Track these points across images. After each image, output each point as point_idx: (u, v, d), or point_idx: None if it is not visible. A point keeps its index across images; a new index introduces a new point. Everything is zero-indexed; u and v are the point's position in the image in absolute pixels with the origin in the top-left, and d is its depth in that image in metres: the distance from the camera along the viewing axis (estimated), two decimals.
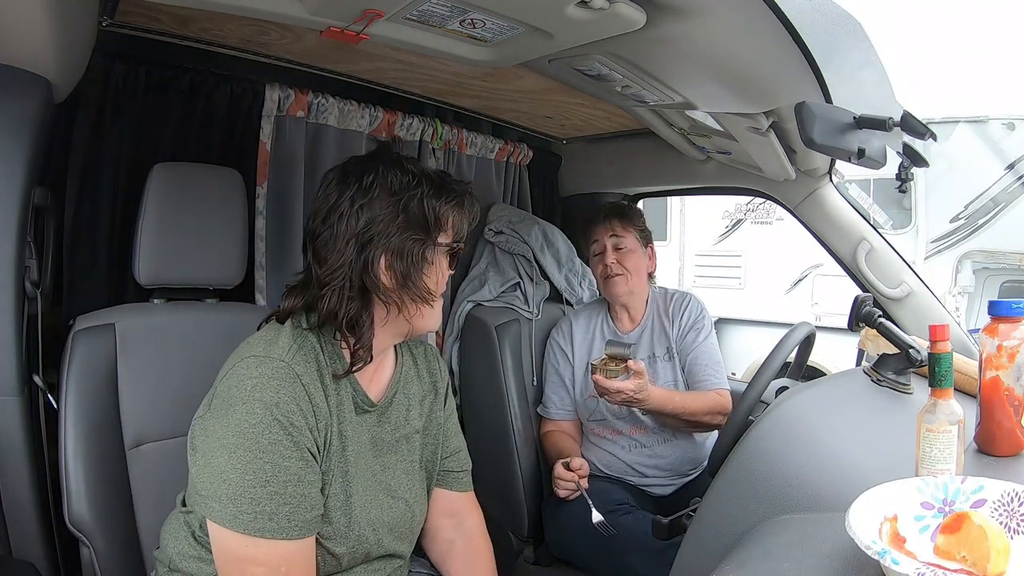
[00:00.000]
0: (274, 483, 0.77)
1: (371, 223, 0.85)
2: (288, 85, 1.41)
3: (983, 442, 0.95)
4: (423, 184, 0.88)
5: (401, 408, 0.98)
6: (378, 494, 0.91)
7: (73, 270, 1.21)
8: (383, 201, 0.86)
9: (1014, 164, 4.55)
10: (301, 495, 0.79)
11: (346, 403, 0.89)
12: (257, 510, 0.76)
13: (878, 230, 1.74)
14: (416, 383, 1.02)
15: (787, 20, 0.82)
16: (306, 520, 0.79)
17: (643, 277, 1.72)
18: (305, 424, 0.80)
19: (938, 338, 0.82)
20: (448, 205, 0.90)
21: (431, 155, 1.78)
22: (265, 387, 0.79)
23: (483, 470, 1.79)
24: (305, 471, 0.80)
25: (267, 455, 0.77)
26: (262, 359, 0.81)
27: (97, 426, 1.04)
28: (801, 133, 0.91)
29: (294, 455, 0.79)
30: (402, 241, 0.86)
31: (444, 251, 0.92)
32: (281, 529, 0.77)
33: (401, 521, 0.94)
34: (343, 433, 0.88)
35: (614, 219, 1.71)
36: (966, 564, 0.60)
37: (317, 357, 0.86)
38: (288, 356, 0.82)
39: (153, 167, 1.14)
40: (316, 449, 0.82)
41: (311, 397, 0.82)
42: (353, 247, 0.85)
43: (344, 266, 0.85)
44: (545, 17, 0.95)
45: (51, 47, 0.92)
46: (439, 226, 0.90)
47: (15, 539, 0.97)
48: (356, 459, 0.89)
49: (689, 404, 1.55)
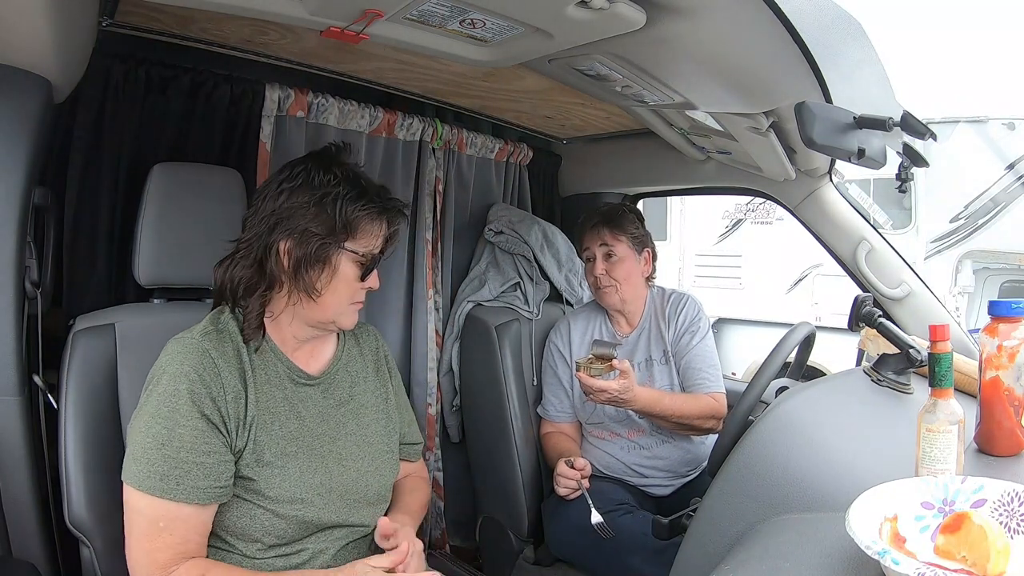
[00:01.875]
0: (169, 447, 0.84)
1: (285, 207, 0.91)
2: (288, 85, 1.41)
3: (983, 442, 0.95)
4: (343, 186, 0.93)
5: (344, 384, 1.04)
6: (326, 461, 0.96)
7: (73, 270, 1.21)
8: (302, 191, 0.92)
9: (1014, 164, 4.56)
10: (193, 462, 0.84)
11: (278, 379, 0.96)
12: (151, 470, 0.84)
13: (878, 230, 1.74)
14: (359, 360, 1.09)
15: (787, 20, 0.82)
16: (196, 487, 0.84)
17: (636, 284, 1.68)
18: (207, 393, 0.87)
19: (938, 338, 0.83)
20: (363, 212, 0.93)
21: (431, 155, 1.78)
22: (172, 361, 0.88)
23: (483, 470, 1.81)
24: (201, 440, 0.85)
25: (166, 421, 0.85)
26: (177, 339, 0.91)
27: (97, 426, 1.04)
28: (801, 133, 0.91)
29: (191, 423, 0.85)
30: (305, 232, 0.91)
31: (350, 258, 0.95)
32: (169, 490, 0.83)
33: (353, 488, 0.98)
34: (272, 407, 0.93)
35: (603, 227, 1.66)
36: (966, 564, 0.60)
37: (235, 337, 0.94)
38: (200, 335, 0.91)
39: (153, 167, 1.14)
40: (223, 419, 0.88)
41: (219, 370, 0.88)
42: (265, 224, 0.92)
43: (252, 239, 0.93)
44: (545, 17, 0.95)
45: (51, 47, 0.92)
46: (348, 230, 0.93)
47: (15, 539, 0.97)
48: (298, 431, 0.95)
49: (679, 407, 1.54)
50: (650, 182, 2.17)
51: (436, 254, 1.84)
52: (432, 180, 1.79)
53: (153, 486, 0.83)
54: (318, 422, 0.98)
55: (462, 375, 1.83)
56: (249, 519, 0.91)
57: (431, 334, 1.80)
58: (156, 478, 0.83)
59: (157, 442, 0.84)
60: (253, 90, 1.36)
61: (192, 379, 0.86)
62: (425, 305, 1.78)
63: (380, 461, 1.05)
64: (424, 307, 1.78)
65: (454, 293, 1.90)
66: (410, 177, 1.75)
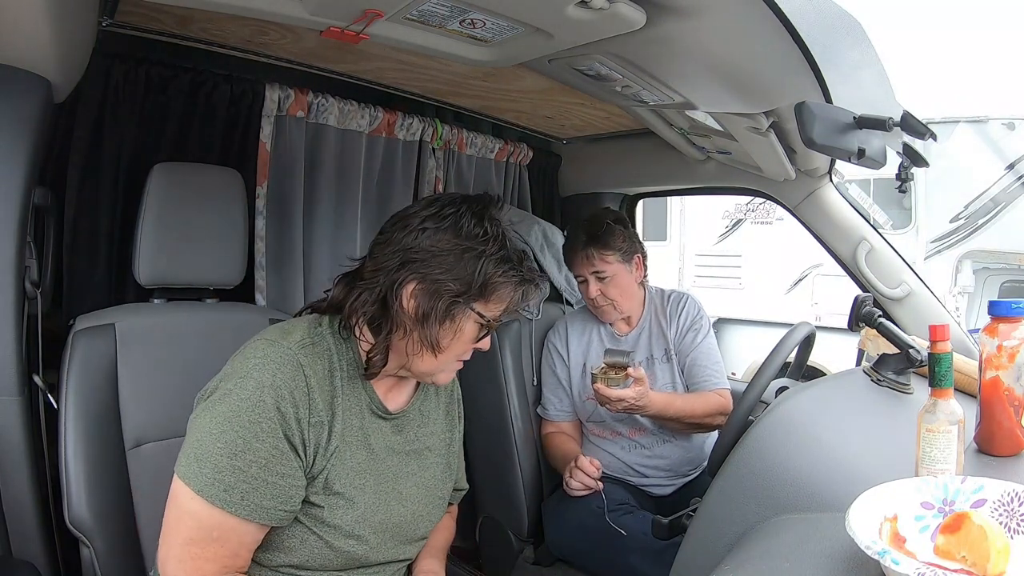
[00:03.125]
0: (240, 459, 0.77)
1: (422, 247, 0.84)
2: (288, 85, 1.41)
3: (983, 442, 0.95)
4: (491, 244, 0.86)
5: (414, 424, 0.99)
6: (388, 499, 0.92)
7: (73, 270, 1.21)
8: (446, 235, 0.85)
9: (1014, 164, 4.56)
10: (263, 480, 0.78)
11: (359, 408, 0.90)
12: (217, 477, 0.77)
13: (878, 230, 1.74)
14: (433, 400, 1.04)
15: (787, 20, 0.82)
16: (260, 505, 0.78)
17: (632, 293, 1.67)
18: (295, 413, 0.80)
19: (938, 338, 0.82)
20: (503, 280, 0.87)
21: (431, 155, 1.78)
22: (264, 368, 0.80)
23: (483, 470, 1.80)
24: (276, 460, 0.79)
25: (244, 430, 0.78)
26: (271, 343, 0.83)
27: (97, 426, 1.04)
28: (801, 133, 0.91)
29: (270, 440, 0.79)
30: (437, 282, 0.84)
31: (475, 319, 0.88)
32: (232, 503, 0.77)
33: (404, 529, 0.95)
34: (349, 436, 0.87)
35: (591, 248, 1.61)
36: (966, 564, 0.60)
37: (330, 357, 0.87)
38: (297, 347, 0.83)
39: (153, 167, 1.14)
40: (303, 442, 0.82)
41: (310, 390, 0.82)
42: (397, 259, 0.85)
43: (382, 271, 0.86)
44: (545, 17, 0.95)
45: (51, 47, 0.92)
46: (482, 292, 0.86)
47: (15, 539, 0.97)
48: (368, 463, 0.90)
49: (690, 407, 1.55)
50: (650, 182, 2.17)
51: None
52: (432, 180, 1.79)
53: (215, 495, 0.77)
54: (385, 457, 0.93)
55: (462, 375, 1.83)
56: (299, 542, 0.85)
57: None
58: (220, 488, 0.77)
59: (229, 450, 0.77)
60: (253, 90, 1.36)
61: (282, 395, 0.79)
62: None
63: (433, 506, 1.00)
64: None
65: None
66: (410, 177, 1.75)
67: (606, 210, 1.88)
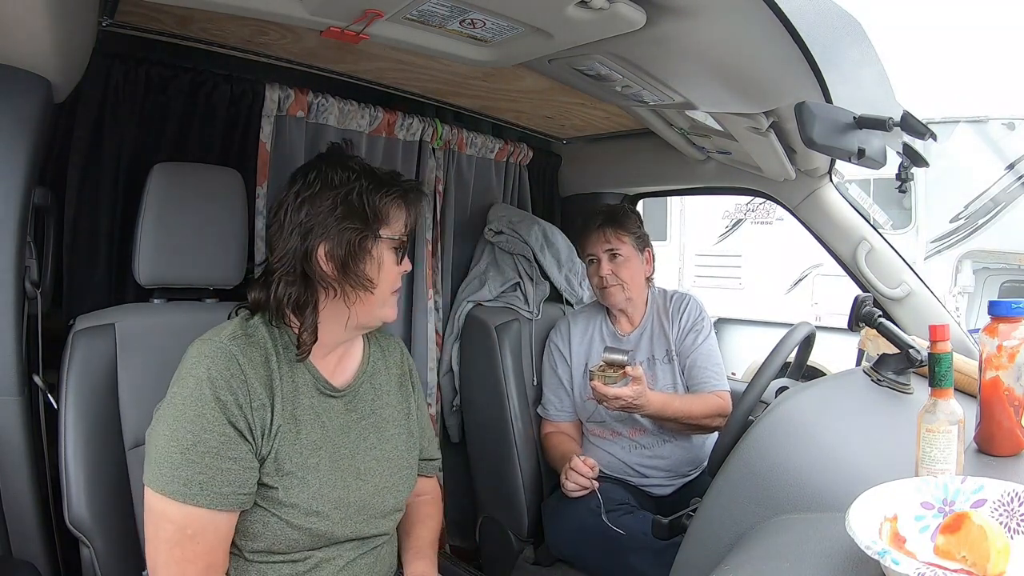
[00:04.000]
0: (193, 452, 0.82)
1: (311, 215, 0.92)
2: (288, 85, 1.41)
3: (983, 442, 0.95)
4: (363, 179, 0.94)
5: (367, 397, 1.03)
6: (345, 475, 0.95)
7: (73, 270, 1.21)
8: (323, 195, 0.92)
9: (1014, 164, 4.56)
10: (218, 468, 0.83)
11: (304, 388, 0.94)
12: (175, 474, 0.81)
13: (878, 230, 1.74)
14: (384, 373, 1.08)
15: (787, 20, 0.82)
16: (220, 493, 0.83)
17: (640, 283, 1.70)
18: (234, 400, 0.85)
19: (938, 338, 0.83)
20: (388, 198, 0.95)
21: (431, 155, 1.78)
22: (199, 364, 0.85)
23: (483, 470, 1.81)
24: (226, 446, 0.84)
25: (190, 425, 0.83)
26: (204, 341, 0.89)
27: (97, 426, 1.04)
28: (801, 133, 0.91)
29: (217, 429, 0.83)
30: (340, 231, 0.92)
31: (387, 245, 0.96)
32: (193, 495, 0.81)
33: (369, 503, 0.97)
34: (297, 416, 0.92)
35: (608, 228, 1.67)
36: (966, 564, 0.60)
37: (264, 345, 0.91)
38: (228, 339, 0.88)
39: (153, 167, 1.14)
40: (249, 426, 0.86)
41: (246, 377, 0.87)
42: (296, 236, 0.92)
43: (288, 254, 0.92)
44: (545, 17, 0.95)
45: (51, 47, 0.92)
46: (379, 219, 0.95)
47: (15, 539, 0.97)
48: (321, 441, 0.94)
49: (688, 407, 1.55)
50: (650, 182, 2.17)
51: (436, 254, 1.84)
52: (432, 180, 1.79)
53: (176, 491, 0.81)
54: (340, 434, 0.97)
55: (462, 375, 1.83)
56: (262, 526, 0.89)
57: (431, 334, 1.80)
58: (180, 483, 0.81)
59: (181, 447, 0.82)
60: (253, 90, 1.36)
61: (218, 385, 0.84)
62: (425, 305, 1.78)
63: (398, 477, 1.03)
64: (424, 307, 1.78)
65: (454, 293, 1.90)
66: (410, 177, 1.75)
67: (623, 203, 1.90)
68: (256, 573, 0.91)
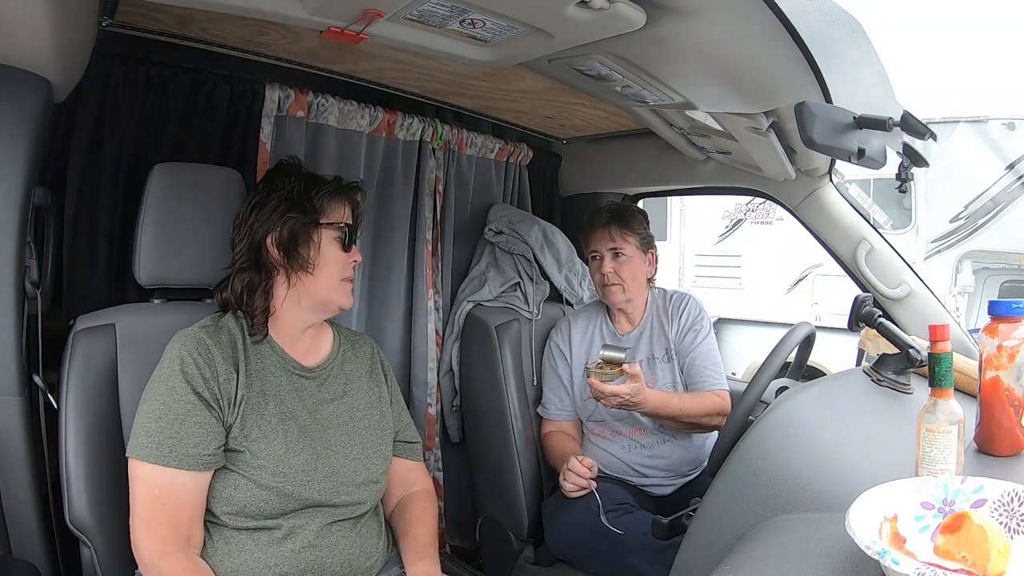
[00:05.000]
0: (164, 419, 0.94)
1: (261, 214, 1.06)
2: (288, 85, 1.41)
3: (983, 442, 0.95)
4: (299, 182, 1.07)
5: (339, 381, 1.13)
6: (313, 443, 1.04)
7: (73, 270, 1.21)
8: (270, 198, 1.06)
9: (1014, 164, 4.55)
10: (185, 432, 0.94)
11: (272, 367, 1.06)
12: (148, 439, 0.93)
13: (878, 230, 1.74)
14: (354, 362, 1.18)
15: (787, 20, 0.82)
16: (186, 454, 0.93)
17: (641, 283, 1.70)
18: (200, 374, 0.97)
19: (938, 338, 0.83)
20: (324, 193, 1.08)
21: (431, 155, 1.78)
22: (173, 348, 0.99)
23: (483, 470, 1.81)
24: (192, 413, 0.95)
25: (163, 397, 0.95)
26: (180, 332, 1.02)
27: (97, 426, 1.04)
28: (801, 133, 0.91)
29: (183, 398, 0.95)
30: (284, 221, 1.05)
31: (329, 233, 1.08)
32: (163, 456, 0.92)
33: (340, 472, 1.05)
34: (265, 391, 1.03)
35: (613, 226, 1.67)
36: (966, 564, 0.60)
37: (231, 332, 1.04)
38: (198, 328, 1.02)
39: (153, 167, 1.14)
40: (215, 396, 0.97)
41: (212, 355, 0.99)
42: (248, 234, 1.06)
43: (243, 250, 1.06)
44: (545, 17, 0.95)
45: (51, 47, 0.92)
46: (317, 210, 1.07)
47: (15, 539, 0.97)
48: (292, 414, 1.04)
49: (687, 406, 1.55)
50: (650, 182, 2.17)
51: (436, 254, 1.84)
52: (432, 180, 1.79)
53: (149, 454, 0.92)
54: (310, 411, 1.06)
55: (462, 375, 1.83)
56: (233, 488, 0.97)
57: (431, 334, 1.80)
58: (152, 447, 0.93)
59: (155, 415, 0.94)
60: (253, 90, 1.36)
61: (186, 361, 0.97)
62: (425, 305, 1.78)
63: (371, 450, 1.11)
64: (424, 307, 1.78)
65: (454, 293, 1.90)
66: (410, 177, 1.75)
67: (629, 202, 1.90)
68: (235, 542, 0.98)
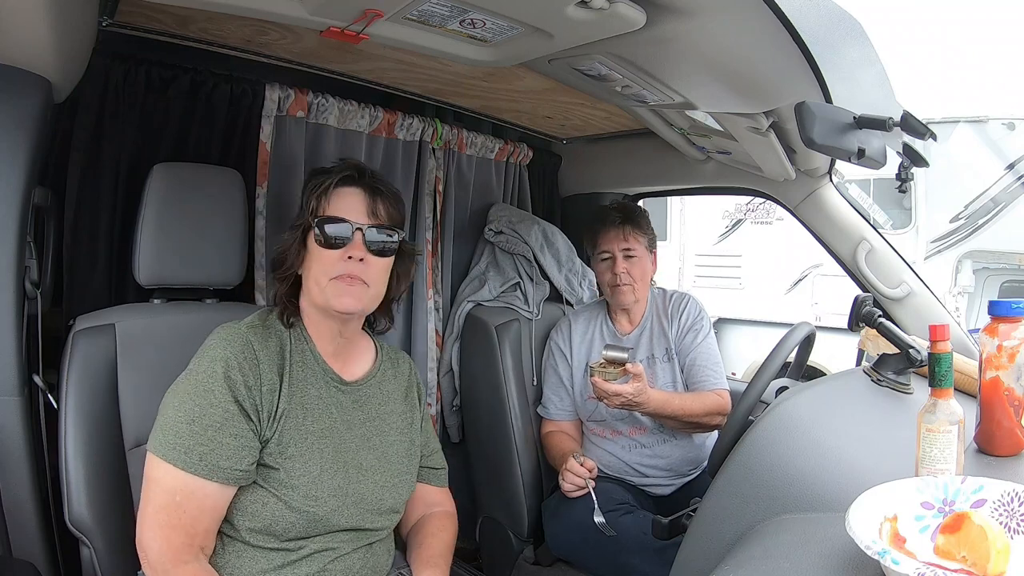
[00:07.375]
0: (198, 424, 0.88)
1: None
2: (288, 85, 1.41)
3: (983, 442, 0.95)
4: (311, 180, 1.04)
5: (375, 400, 1.08)
6: (346, 466, 0.99)
7: (73, 270, 1.21)
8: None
9: (1014, 164, 4.55)
10: (219, 442, 0.88)
11: (313, 379, 1.00)
12: (177, 442, 0.87)
13: (878, 230, 1.74)
14: (392, 382, 1.13)
15: (787, 20, 0.82)
16: (217, 465, 0.87)
17: (647, 283, 1.71)
18: (243, 381, 0.91)
19: (938, 338, 0.82)
20: (307, 190, 1.04)
21: (431, 155, 1.78)
22: (217, 346, 0.93)
23: (483, 470, 1.81)
24: (229, 422, 0.89)
25: (200, 399, 0.89)
26: (225, 327, 0.96)
27: (97, 426, 1.04)
28: (801, 133, 0.91)
29: (222, 405, 0.89)
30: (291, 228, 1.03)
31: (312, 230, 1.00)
32: (192, 464, 0.86)
33: (368, 498, 1.01)
34: (306, 404, 0.97)
35: (627, 227, 1.67)
36: (966, 564, 0.60)
37: (280, 335, 0.99)
38: (246, 327, 0.96)
39: (153, 167, 1.14)
40: (255, 407, 0.91)
41: (259, 362, 0.93)
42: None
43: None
44: (545, 17, 0.95)
45: (51, 47, 0.92)
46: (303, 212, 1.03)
47: (15, 539, 0.97)
48: (327, 431, 0.98)
49: (688, 406, 1.55)
50: (650, 182, 2.17)
51: (436, 254, 1.84)
52: (432, 180, 1.79)
53: (176, 458, 0.86)
54: (345, 428, 1.02)
55: (462, 375, 1.83)
56: (261, 505, 0.92)
57: (431, 334, 1.80)
58: (181, 451, 0.86)
59: (188, 418, 0.88)
60: (253, 90, 1.36)
61: (231, 365, 0.90)
62: (425, 305, 1.78)
63: (398, 479, 1.07)
64: (424, 307, 1.78)
65: (454, 293, 1.90)
66: (410, 177, 1.75)
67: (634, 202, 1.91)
68: (248, 557, 0.93)
